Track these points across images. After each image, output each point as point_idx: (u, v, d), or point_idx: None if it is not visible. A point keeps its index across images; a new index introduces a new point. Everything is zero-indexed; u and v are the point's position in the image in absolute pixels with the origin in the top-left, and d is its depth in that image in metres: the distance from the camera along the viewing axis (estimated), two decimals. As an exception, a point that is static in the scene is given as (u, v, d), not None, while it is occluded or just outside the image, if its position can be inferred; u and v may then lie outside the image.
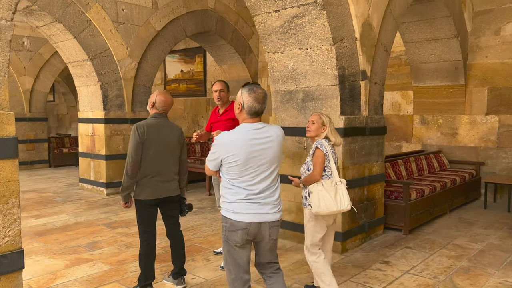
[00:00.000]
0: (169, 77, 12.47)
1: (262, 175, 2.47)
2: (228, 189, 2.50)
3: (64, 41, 7.29)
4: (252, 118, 2.47)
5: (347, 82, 4.43)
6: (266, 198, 2.49)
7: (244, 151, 2.39)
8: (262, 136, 2.46)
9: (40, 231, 5.28)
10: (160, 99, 3.39)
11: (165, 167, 3.37)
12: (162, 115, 3.42)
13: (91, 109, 7.77)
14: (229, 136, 2.45)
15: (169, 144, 3.39)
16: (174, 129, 3.45)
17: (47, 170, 10.85)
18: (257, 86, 2.51)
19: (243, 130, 2.45)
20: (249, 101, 2.44)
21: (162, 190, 3.37)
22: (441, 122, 7.54)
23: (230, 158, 2.42)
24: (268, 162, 2.49)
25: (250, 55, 10.14)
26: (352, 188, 4.50)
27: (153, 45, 8.06)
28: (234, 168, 2.43)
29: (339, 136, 3.33)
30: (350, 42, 4.42)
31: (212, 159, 2.52)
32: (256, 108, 2.43)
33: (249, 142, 2.40)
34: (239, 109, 2.50)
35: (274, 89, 4.85)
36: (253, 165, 2.43)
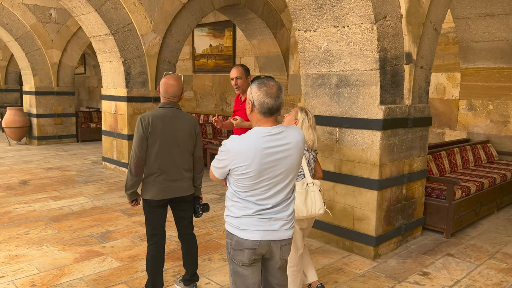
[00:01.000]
0: (197, 52, 12.03)
1: (277, 187, 2.06)
2: (235, 202, 2.10)
3: (85, 14, 6.95)
4: (266, 118, 2.03)
5: (389, 67, 3.85)
6: (278, 213, 2.10)
7: (257, 162, 1.98)
8: (279, 144, 2.03)
9: (56, 216, 5.08)
10: (163, 81, 2.97)
11: (172, 164, 2.97)
12: (171, 104, 2.99)
13: (114, 86, 7.48)
14: (240, 143, 2.02)
15: (178, 138, 2.97)
16: (186, 120, 3.03)
17: (74, 145, 10.80)
18: (268, 78, 2.06)
19: (257, 136, 2.01)
20: (259, 96, 2.00)
21: (170, 190, 2.99)
22: (491, 108, 6.78)
23: (240, 169, 2.00)
24: (285, 173, 2.06)
25: (282, 30, 9.52)
26: (390, 187, 3.99)
27: (179, 18, 7.60)
28: (244, 181, 2.02)
29: (313, 135, 3.00)
30: (395, 20, 3.81)
31: (218, 166, 2.11)
32: (269, 104, 2.00)
33: (264, 152, 1.99)
34: (250, 109, 2.07)
35: (304, 72, 4.33)
36: (267, 177, 2.02)
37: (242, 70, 3.96)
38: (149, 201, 2.99)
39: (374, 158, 3.85)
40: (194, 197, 3.17)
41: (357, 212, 4.02)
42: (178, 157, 2.99)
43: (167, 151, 2.93)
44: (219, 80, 11.43)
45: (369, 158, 3.88)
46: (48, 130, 10.73)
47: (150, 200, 2.98)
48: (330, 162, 4.18)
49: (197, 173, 3.15)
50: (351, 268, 3.76)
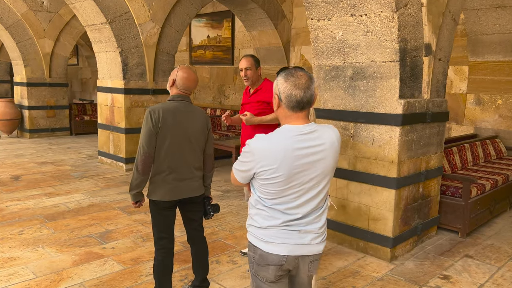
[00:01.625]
0: (194, 43, 11.73)
1: (308, 195, 1.81)
2: (260, 210, 1.86)
3: (80, 2, 6.63)
4: (296, 114, 1.78)
5: (409, 58, 3.63)
6: (309, 225, 1.85)
7: (287, 166, 1.73)
8: (312, 144, 1.77)
9: (51, 214, 4.82)
10: (182, 75, 2.71)
11: (183, 163, 2.73)
12: (184, 97, 2.76)
13: (110, 78, 7.18)
14: (267, 143, 1.77)
15: (190, 134, 2.74)
16: (197, 115, 2.79)
17: (67, 138, 10.48)
18: (296, 69, 1.81)
19: (286, 134, 1.76)
20: (286, 88, 1.75)
21: (180, 190, 2.76)
22: (500, 103, 6.61)
23: (266, 173, 1.75)
24: (317, 178, 1.81)
25: (283, 21, 9.26)
26: (407, 185, 3.79)
27: (178, 7, 7.31)
28: (271, 186, 1.77)
29: None
30: (415, 9, 3.58)
31: (241, 169, 1.87)
32: (298, 97, 1.74)
33: (295, 153, 1.73)
34: (277, 104, 1.82)
35: (317, 64, 4.10)
36: (298, 183, 1.77)
37: (252, 60, 3.72)
38: (157, 202, 2.75)
39: (392, 155, 3.65)
40: (204, 197, 2.94)
41: (372, 212, 3.81)
42: (189, 154, 2.75)
43: (178, 147, 2.70)
44: (217, 72, 11.15)
45: (387, 155, 3.68)
46: (40, 123, 10.40)
47: (158, 201, 2.75)
48: (344, 158, 3.97)
49: (207, 171, 2.92)
50: (368, 271, 3.56)
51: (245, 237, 4.21)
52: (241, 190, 5.88)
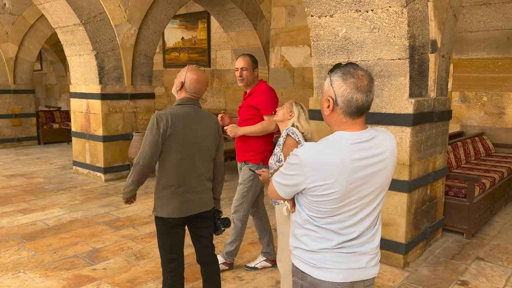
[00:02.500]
0: (168, 45, 11.34)
1: (365, 211, 1.58)
2: (310, 231, 1.61)
3: (50, 2, 6.17)
4: (354, 120, 1.54)
5: (417, 55, 3.48)
6: (364, 245, 1.61)
7: (344, 180, 1.49)
8: (371, 154, 1.54)
9: (29, 233, 4.38)
10: (192, 77, 2.44)
11: (194, 174, 2.46)
12: (193, 101, 2.48)
13: (85, 83, 6.73)
14: (321, 154, 1.51)
15: (201, 142, 2.47)
16: (208, 120, 2.52)
17: (36, 148, 9.85)
18: (354, 66, 1.54)
19: (342, 144, 1.51)
20: (346, 91, 1.50)
21: (191, 205, 2.48)
22: (486, 100, 6.64)
23: (320, 189, 1.50)
24: (376, 191, 1.58)
25: (261, 21, 9.05)
26: (417, 188, 3.64)
27: (155, 8, 6.95)
28: (325, 204, 1.53)
29: (311, 128, 2.80)
30: (422, 4, 3.44)
31: (287, 183, 1.60)
32: (359, 101, 1.50)
33: (353, 165, 1.50)
34: (329, 109, 1.55)
35: (317, 63, 3.89)
36: (355, 199, 1.54)
37: (249, 60, 3.44)
38: (166, 219, 2.45)
39: (403, 157, 3.48)
40: (214, 211, 2.66)
41: (383, 217, 3.63)
42: (201, 164, 2.48)
43: (189, 157, 2.42)
44: (193, 75, 10.79)
45: (398, 157, 3.51)
46: (5, 132, 9.72)
47: (167, 218, 2.44)
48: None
49: (217, 182, 2.65)
50: (383, 280, 3.37)
51: (250, 250, 3.94)
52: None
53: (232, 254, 3.53)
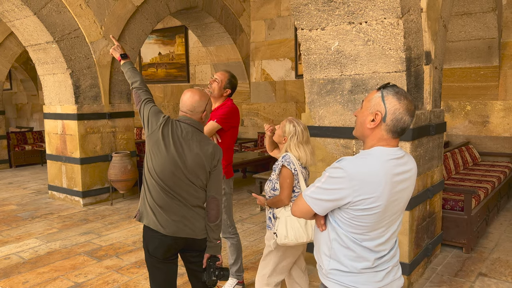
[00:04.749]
0: (144, 61, 11.08)
1: (393, 227, 1.62)
2: (348, 250, 1.56)
3: (21, 19, 5.86)
4: (394, 139, 1.58)
5: (413, 68, 3.38)
6: (391, 260, 1.64)
7: (387, 193, 1.52)
8: (404, 170, 1.58)
9: (3, 269, 4.02)
10: (183, 97, 2.32)
11: (173, 195, 2.24)
12: (187, 119, 2.28)
13: (60, 103, 6.40)
14: (368, 167, 1.51)
15: (186, 169, 2.23)
16: (203, 148, 2.26)
17: (7, 172, 9.35)
18: (404, 90, 1.58)
19: (385, 158, 1.54)
20: (398, 111, 1.53)
21: (170, 225, 2.24)
22: (469, 109, 6.66)
23: (367, 202, 1.49)
24: (402, 208, 1.63)
25: (241, 35, 8.93)
26: (418, 205, 3.50)
27: (132, 23, 6.71)
28: (366, 219, 1.52)
29: (305, 152, 2.61)
30: (416, 15, 3.35)
31: (327, 198, 1.53)
32: (406, 123, 1.56)
33: (393, 179, 1.53)
34: (374, 123, 1.54)
35: (309, 78, 3.74)
36: (389, 214, 1.57)
37: (225, 78, 3.36)
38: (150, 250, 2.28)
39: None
40: (210, 256, 2.35)
41: (384, 237, 3.47)
42: (182, 185, 2.25)
43: (168, 174, 2.23)
44: (171, 91, 10.56)
45: (397, 173, 3.37)
46: (-27, 157, 9.21)
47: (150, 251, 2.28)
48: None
49: (209, 220, 2.33)
50: (389, 304, 3.19)
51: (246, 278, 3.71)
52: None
53: (240, 271, 3.47)
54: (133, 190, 6.71)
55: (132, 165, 6.32)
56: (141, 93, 2.44)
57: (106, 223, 5.39)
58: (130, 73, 2.57)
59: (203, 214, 2.34)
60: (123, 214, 5.80)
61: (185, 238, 2.27)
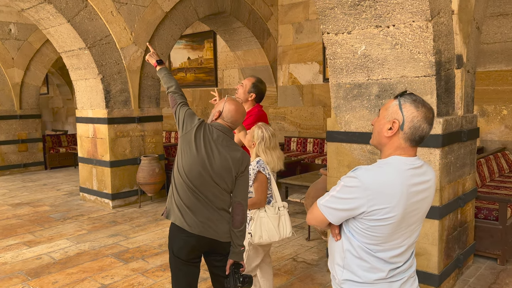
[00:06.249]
0: (174, 66, 11.25)
1: (410, 239, 1.58)
2: (362, 260, 1.53)
3: (55, 26, 6.06)
4: (412, 147, 1.54)
5: (443, 72, 3.26)
6: (408, 271, 1.61)
7: (402, 204, 1.48)
8: (422, 180, 1.55)
9: (34, 269, 4.15)
10: (230, 107, 2.35)
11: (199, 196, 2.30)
12: (226, 130, 2.35)
13: (91, 107, 6.58)
14: (383, 176, 1.48)
15: (213, 172, 2.28)
16: (231, 154, 2.31)
17: (42, 173, 9.69)
18: (422, 98, 1.55)
19: (401, 168, 1.51)
20: (416, 119, 1.49)
21: (194, 223, 2.30)
22: (506, 113, 6.39)
23: (382, 212, 1.46)
24: (420, 219, 1.60)
25: (268, 39, 8.92)
26: (448, 213, 3.38)
27: (161, 29, 6.83)
28: (381, 229, 1.49)
29: (273, 158, 2.79)
30: (447, 17, 3.24)
31: (342, 208, 1.51)
32: (424, 131, 1.52)
33: (410, 190, 1.50)
34: (391, 131, 1.51)
35: (335, 82, 3.69)
36: (405, 225, 1.53)
37: (249, 83, 3.51)
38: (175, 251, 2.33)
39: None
40: (234, 263, 2.38)
41: (412, 246, 3.37)
42: (208, 187, 2.30)
43: (196, 175, 2.29)
44: (200, 95, 10.68)
45: (426, 181, 3.26)
46: (11, 158, 9.58)
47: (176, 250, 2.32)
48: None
49: (234, 225, 2.37)
50: (417, 317, 3.09)
51: None
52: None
53: None
54: (160, 193, 6.80)
55: (160, 168, 6.41)
56: (176, 97, 2.51)
57: (134, 226, 5.48)
58: (166, 78, 2.66)
59: (227, 218, 2.37)
60: (151, 217, 5.88)
61: (209, 240, 2.31)
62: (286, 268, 4.05)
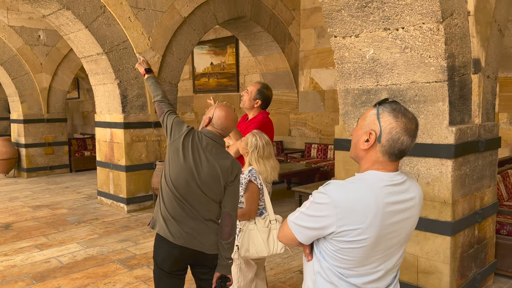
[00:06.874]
0: (197, 71, 11.29)
1: (389, 263, 1.41)
2: (331, 284, 1.38)
3: (75, 32, 6.16)
4: (392, 163, 1.38)
5: (457, 77, 3.04)
6: None
7: (377, 225, 1.32)
8: (403, 199, 1.38)
9: (40, 273, 4.17)
10: (220, 114, 2.26)
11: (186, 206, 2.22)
12: (216, 137, 2.27)
13: (109, 112, 6.64)
14: (356, 194, 1.33)
15: (201, 181, 2.20)
16: (220, 162, 2.22)
17: (67, 176, 9.89)
18: (400, 105, 1.38)
19: (376, 185, 1.35)
20: (394, 130, 1.34)
21: (178, 233, 2.21)
22: (538, 121, 5.99)
23: (352, 233, 1.32)
24: (401, 241, 1.42)
25: (290, 44, 8.79)
26: (463, 229, 3.13)
27: (179, 34, 6.83)
28: (353, 252, 1.34)
29: (267, 167, 2.64)
30: (462, 18, 3.02)
31: (310, 226, 1.37)
32: (404, 145, 1.36)
33: (386, 209, 1.34)
34: (368, 143, 1.36)
35: (343, 88, 3.52)
36: (382, 248, 1.37)
37: (255, 90, 3.41)
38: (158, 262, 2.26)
39: (444, 194, 3.01)
40: (221, 276, 2.27)
41: (422, 264, 3.14)
42: (195, 197, 2.22)
43: (184, 183, 2.21)
44: (222, 100, 10.61)
45: (437, 194, 3.04)
46: (38, 161, 9.84)
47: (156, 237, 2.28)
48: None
49: (222, 237, 2.27)
50: None
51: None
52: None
53: None
54: (176, 199, 6.76)
55: (175, 174, 6.37)
56: (163, 105, 2.48)
57: (145, 231, 5.45)
58: (153, 87, 2.65)
59: (215, 229, 2.28)
60: (163, 222, 5.84)
61: (193, 251, 2.23)
62: (291, 281, 3.89)
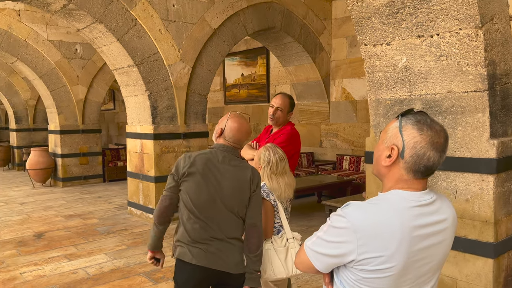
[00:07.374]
0: (228, 82, 11.32)
1: None
2: None
3: (107, 45, 6.28)
4: (418, 181, 1.23)
5: (498, 86, 2.82)
6: None
7: (404, 251, 1.17)
8: (433, 221, 1.23)
9: (67, 284, 4.18)
10: (232, 125, 2.17)
11: (210, 227, 2.12)
12: (230, 150, 2.18)
13: (139, 123, 6.71)
14: (378, 217, 1.18)
15: (224, 196, 2.11)
16: (240, 173, 2.14)
17: (100, 186, 10.08)
18: (427, 116, 1.21)
19: (401, 206, 1.20)
20: (419, 144, 1.19)
21: (202, 256, 2.13)
22: None
23: (375, 262, 1.17)
24: (434, 268, 1.27)
25: (321, 54, 8.65)
26: (507, 251, 2.88)
27: (209, 46, 6.84)
28: (379, 282, 1.19)
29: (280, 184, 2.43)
30: (503, 23, 2.81)
31: (328, 253, 1.23)
32: (431, 161, 1.21)
33: (414, 233, 1.19)
34: (390, 159, 1.21)
35: (374, 98, 3.35)
36: (412, 277, 1.22)
37: (287, 102, 3.38)
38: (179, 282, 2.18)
39: (485, 213, 2.78)
40: None
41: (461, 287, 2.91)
42: (219, 217, 2.13)
43: (206, 204, 2.11)
44: (252, 111, 10.60)
45: (477, 212, 2.81)
46: (73, 171, 10.09)
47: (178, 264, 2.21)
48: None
49: (249, 250, 2.17)
50: None
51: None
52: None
53: None
54: (204, 210, 6.72)
55: (203, 185, 6.34)
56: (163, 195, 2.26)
57: (171, 243, 5.39)
58: None
59: (240, 248, 2.20)
60: (190, 234, 5.79)
61: (218, 272, 2.14)
62: (320, 300, 3.72)
